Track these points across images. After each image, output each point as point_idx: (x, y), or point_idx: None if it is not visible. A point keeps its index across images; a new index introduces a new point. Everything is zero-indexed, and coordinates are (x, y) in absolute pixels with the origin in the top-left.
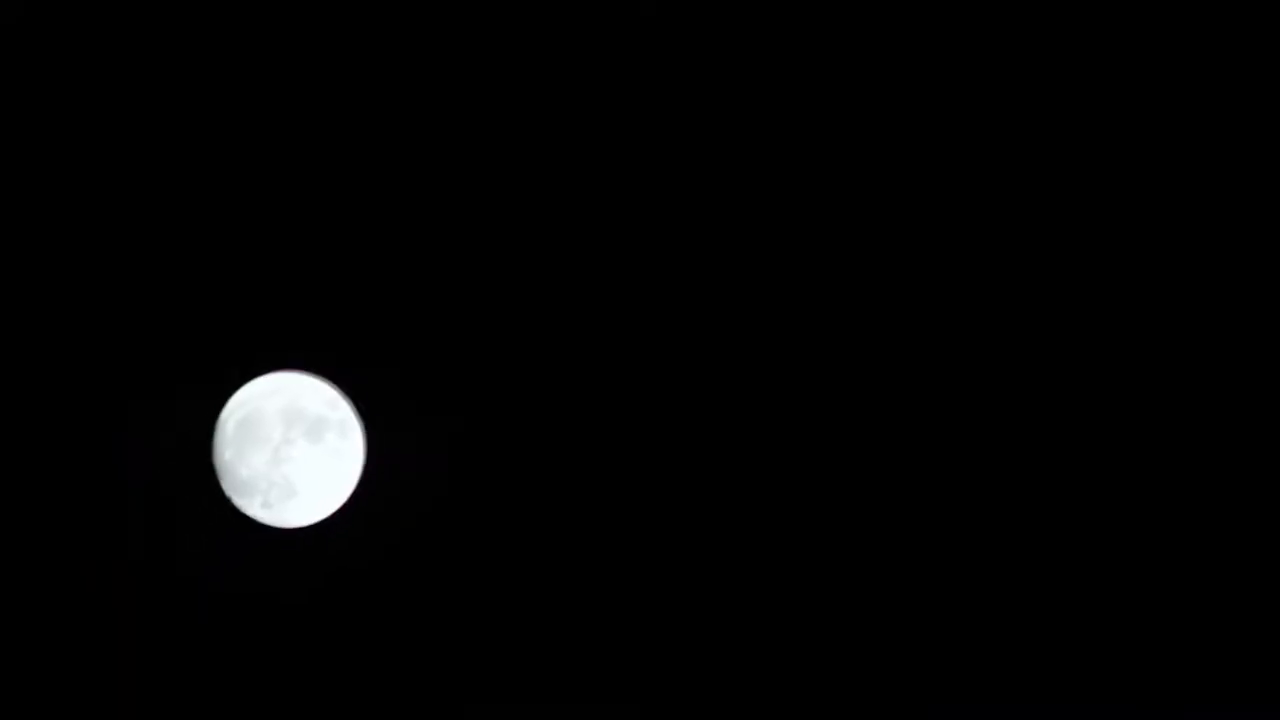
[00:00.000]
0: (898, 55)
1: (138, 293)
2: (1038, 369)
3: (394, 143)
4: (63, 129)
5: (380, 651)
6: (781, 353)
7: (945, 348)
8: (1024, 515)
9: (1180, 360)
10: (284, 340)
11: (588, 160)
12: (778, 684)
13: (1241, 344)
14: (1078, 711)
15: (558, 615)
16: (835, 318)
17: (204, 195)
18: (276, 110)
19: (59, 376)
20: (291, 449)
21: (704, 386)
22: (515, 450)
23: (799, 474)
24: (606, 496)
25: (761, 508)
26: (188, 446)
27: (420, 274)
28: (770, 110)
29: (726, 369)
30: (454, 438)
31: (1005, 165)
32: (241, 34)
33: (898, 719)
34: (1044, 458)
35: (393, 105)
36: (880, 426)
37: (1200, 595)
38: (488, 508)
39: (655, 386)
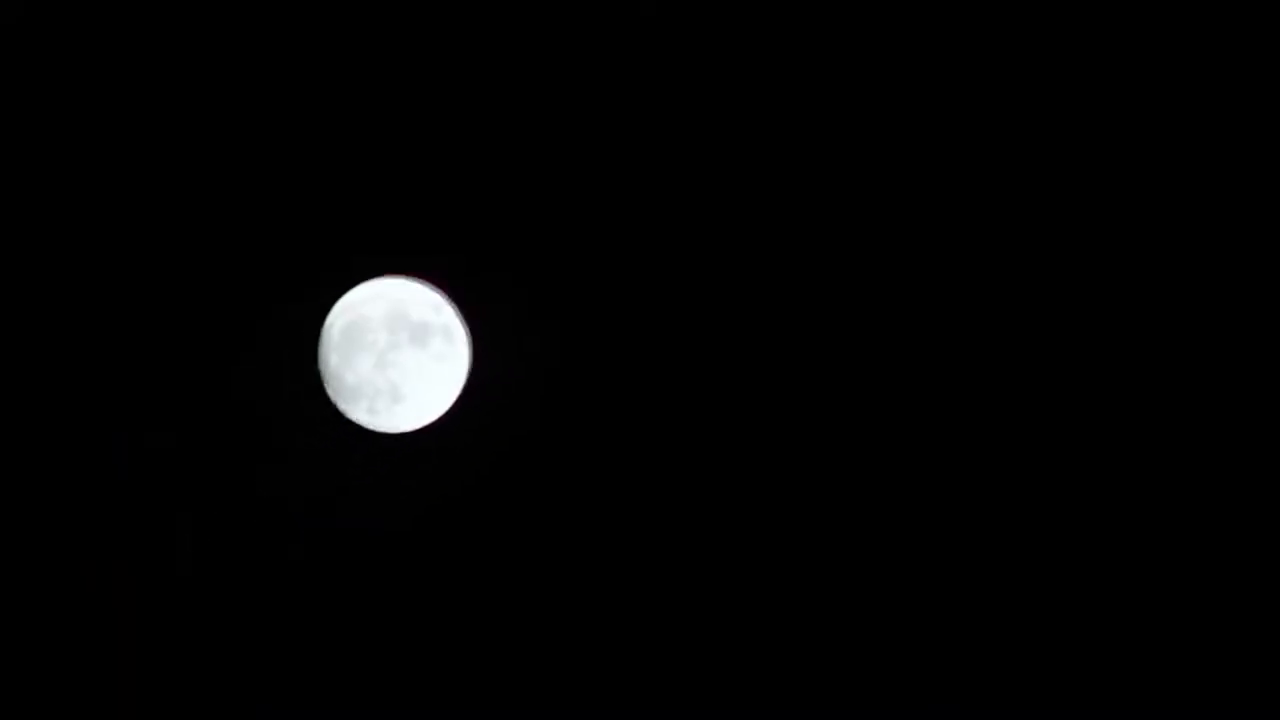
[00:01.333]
0: (897, 53)
1: (243, 199)
2: (1039, 370)
3: (495, 48)
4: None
5: (481, 560)
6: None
7: (946, 347)
8: (1025, 516)
9: (1180, 361)
10: (388, 245)
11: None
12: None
13: (1241, 344)
14: (1077, 715)
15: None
16: (840, 315)
17: (308, 98)
18: (374, 14)
19: (169, 283)
20: (397, 354)
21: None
22: (622, 356)
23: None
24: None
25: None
26: (292, 353)
27: (526, 176)
28: (770, 109)
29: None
30: (560, 342)
31: (1004, 165)
32: None
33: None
34: (1045, 458)
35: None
36: (886, 426)
37: (1201, 598)
38: (594, 414)
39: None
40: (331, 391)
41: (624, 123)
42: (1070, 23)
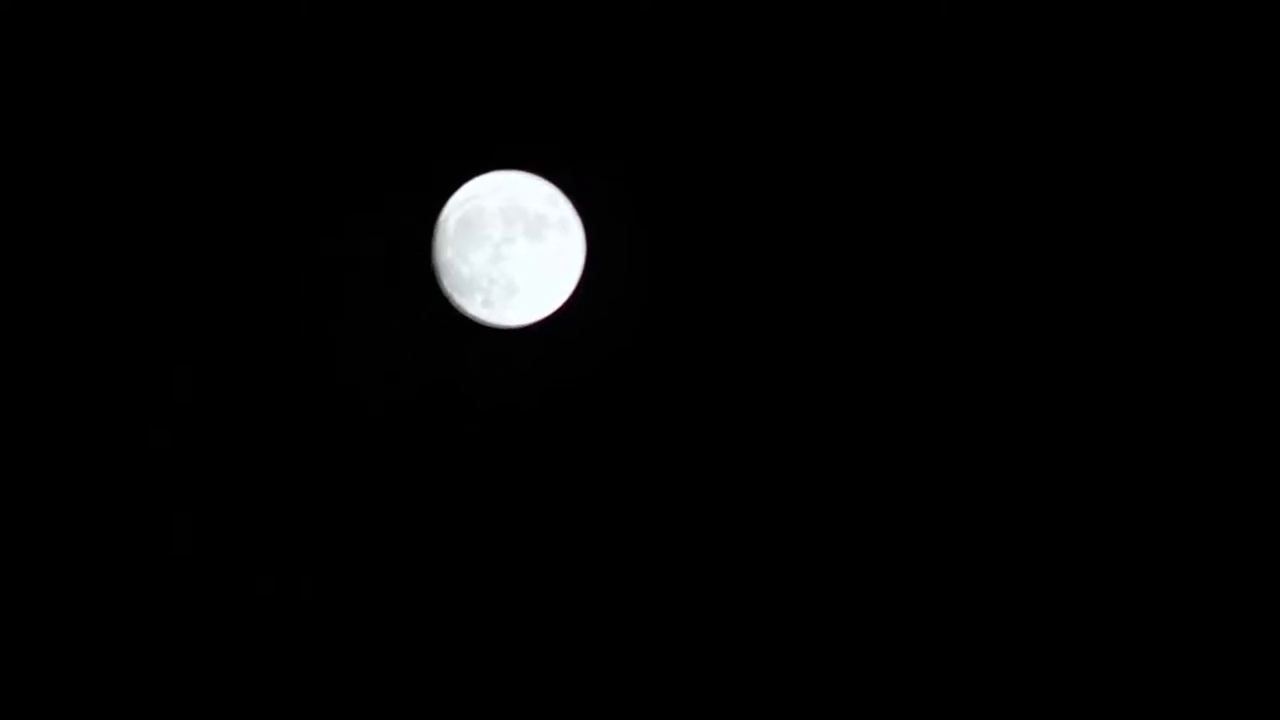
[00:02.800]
0: (897, 52)
1: (361, 93)
2: (1040, 371)
3: None
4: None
5: (595, 452)
6: None
7: (947, 348)
8: (1025, 519)
9: (1180, 362)
10: (503, 138)
11: None
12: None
13: (1241, 345)
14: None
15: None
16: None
17: None
18: None
19: (286, 179)
20: (512, 247)
21: None
22: (736, 250)
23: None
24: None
25: None
26: (409, 246)
27: (644, 66)
28: (770, 106)
29: None
30: (674, 236)
31: (1000, 166)
32: None
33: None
34: (1046, 460)
35: None
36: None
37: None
38: (706, 310)
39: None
40: (446, 284)
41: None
42: (1082, 23)
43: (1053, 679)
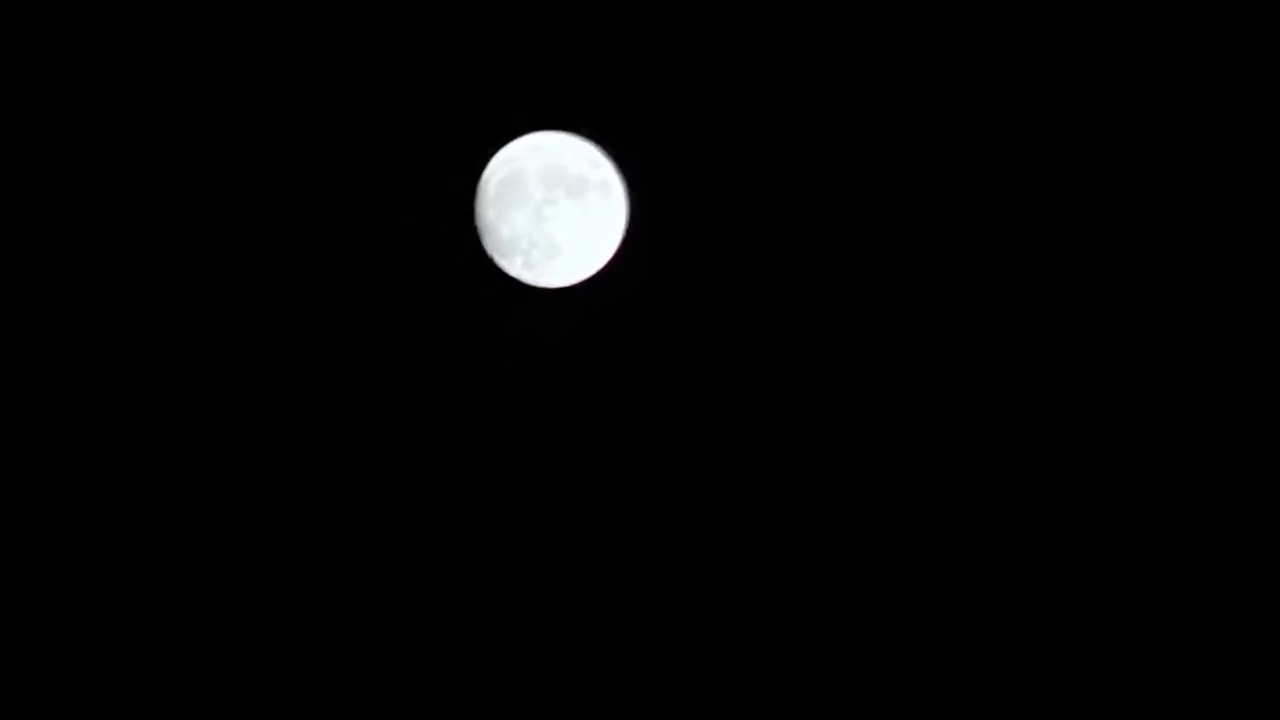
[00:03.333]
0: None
1: (400, 54)
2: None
3: None
4: None
5: (635, 415)
6: None
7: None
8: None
9: (1181, 363)
10: (544, 99)
11: None
12: None
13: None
14: None
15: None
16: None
17: None
18: None
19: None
20: (554, 208)
21: None
22: (777, 212)
23: None
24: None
25: None
26: (450, 207)
27: (682, 27)
28: (816, 63)
29: None
30: (717, 198)
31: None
32: None
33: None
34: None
35: None
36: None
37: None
38: (747, 271)
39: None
40: (488, 245)
41: None
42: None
43: (1052, 679)
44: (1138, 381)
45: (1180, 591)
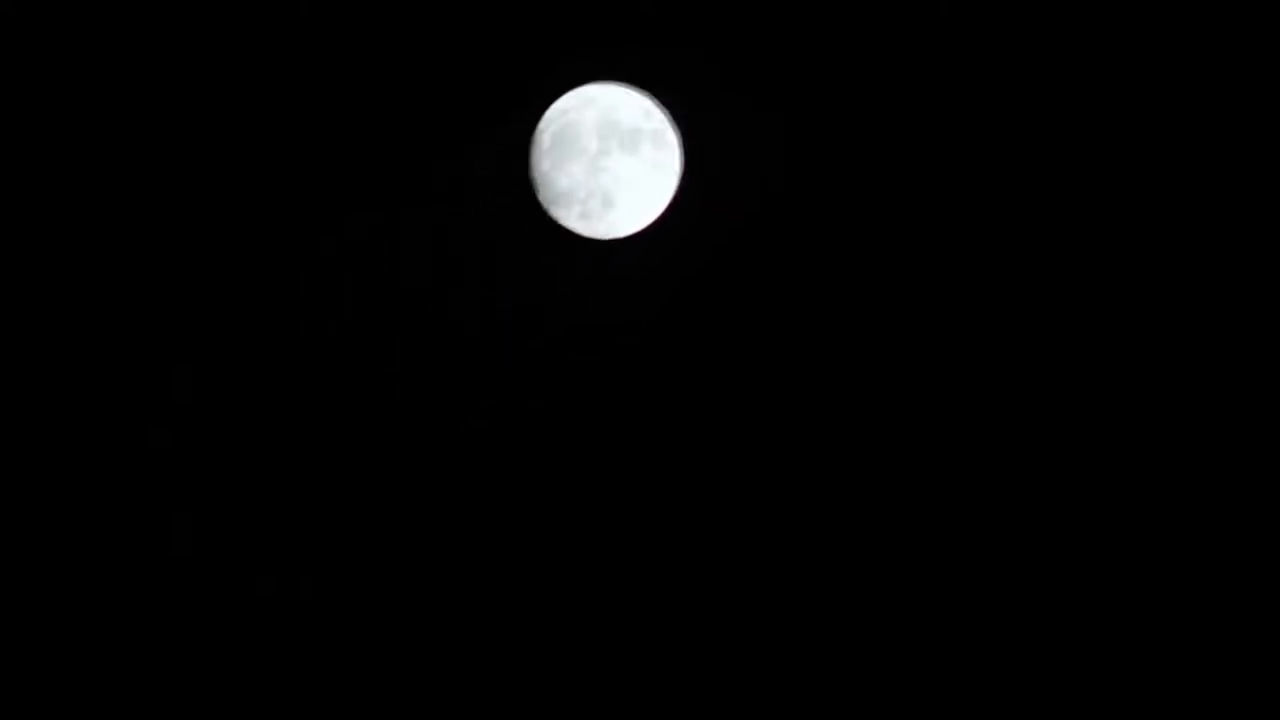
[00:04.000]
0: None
1: (454, 9)
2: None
3: None
4: None
5: (691, 364)
6: None
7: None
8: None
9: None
10: (597, 52)
11: None
12: None
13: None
14: None
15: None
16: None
17: None
18: None
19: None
20: (608, 160)
21: None
22: (831, 162)
23: None
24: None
25: None
26: (505, 160)
27: None
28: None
29: None
30: (770, 146)
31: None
32: None
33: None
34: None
35: None
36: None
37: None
38: (801, 221)
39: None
40: (543, 198)
41: None
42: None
43: (1052, 679)
44: (1140, 382)
45: (1180, 592)
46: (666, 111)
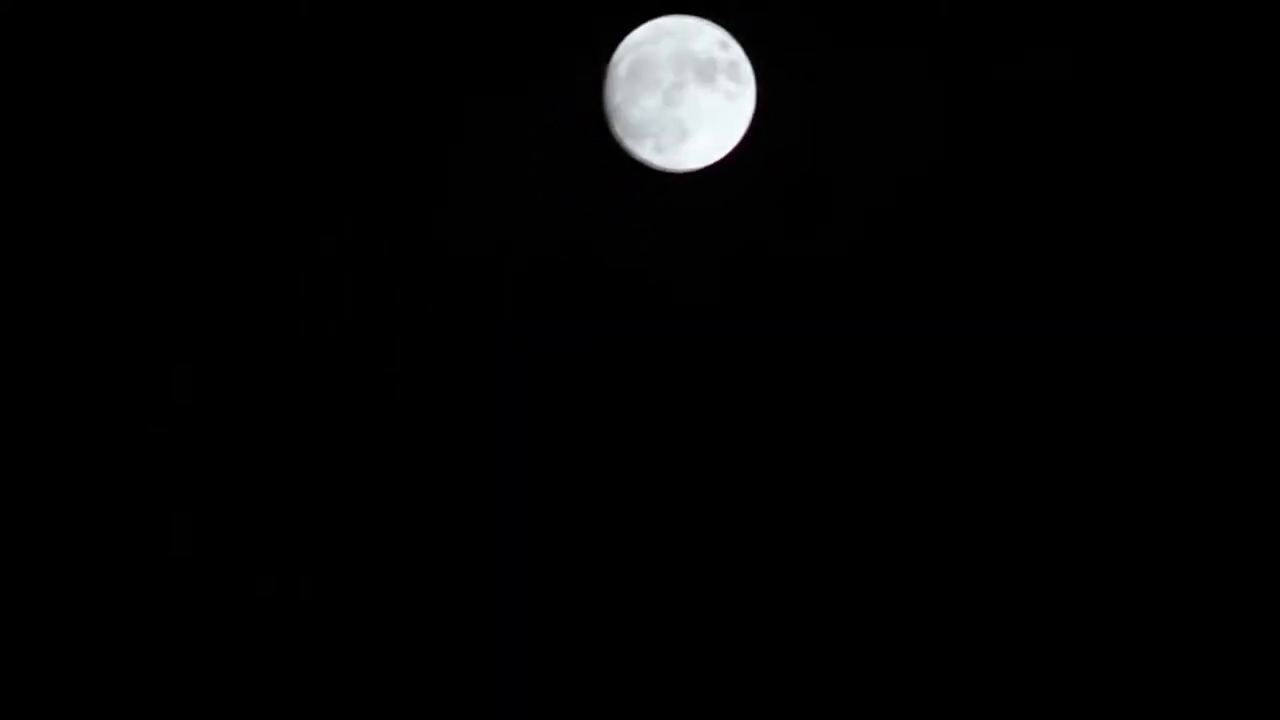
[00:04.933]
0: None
1: None
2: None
3: None
4: None
5: (764, 298)
6: None
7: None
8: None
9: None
10: None
11: None
12: None
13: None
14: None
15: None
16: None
17: None
18: None
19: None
20: (683, 92)
21: None
22: (909, 98)
23: None
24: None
25: None
26: (579, 92)
27: None
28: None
29: None
30: (846, 77)
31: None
32: None
33: None
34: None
35: None
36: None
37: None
38: (877, 153)
39: None
40: (617, 130)
41: None
42: None
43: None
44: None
45: (1181, 592)
46: (741, 42)
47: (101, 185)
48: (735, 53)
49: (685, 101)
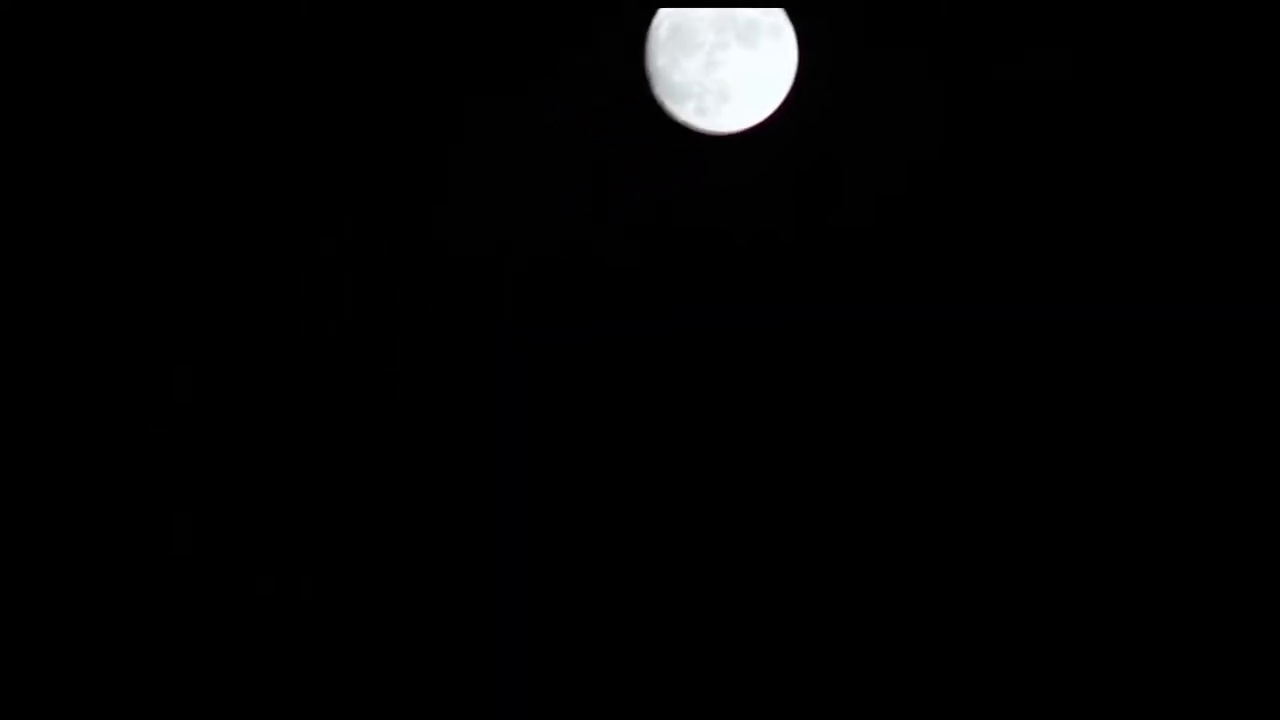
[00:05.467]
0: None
1: None
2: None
3: None
4: None
5: (804, 259)
6: None
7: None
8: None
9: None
10: None
11: None
12: None
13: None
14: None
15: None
16: None
17: None
18: None
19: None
20: (725, 53)
21: None
22: (955, 63)
23: None
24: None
25: None
26: (620, 55)
27: None
28: None
29: None
30: (889, 39)
31: None
32: None
33: None
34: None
35: None
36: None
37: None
38: (919, 115)
39: None
40: (659, 92)
41: None
42: None
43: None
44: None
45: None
46: (783, 4)
47: (101, 185)
48: (776, 14)
49: (727, 63)
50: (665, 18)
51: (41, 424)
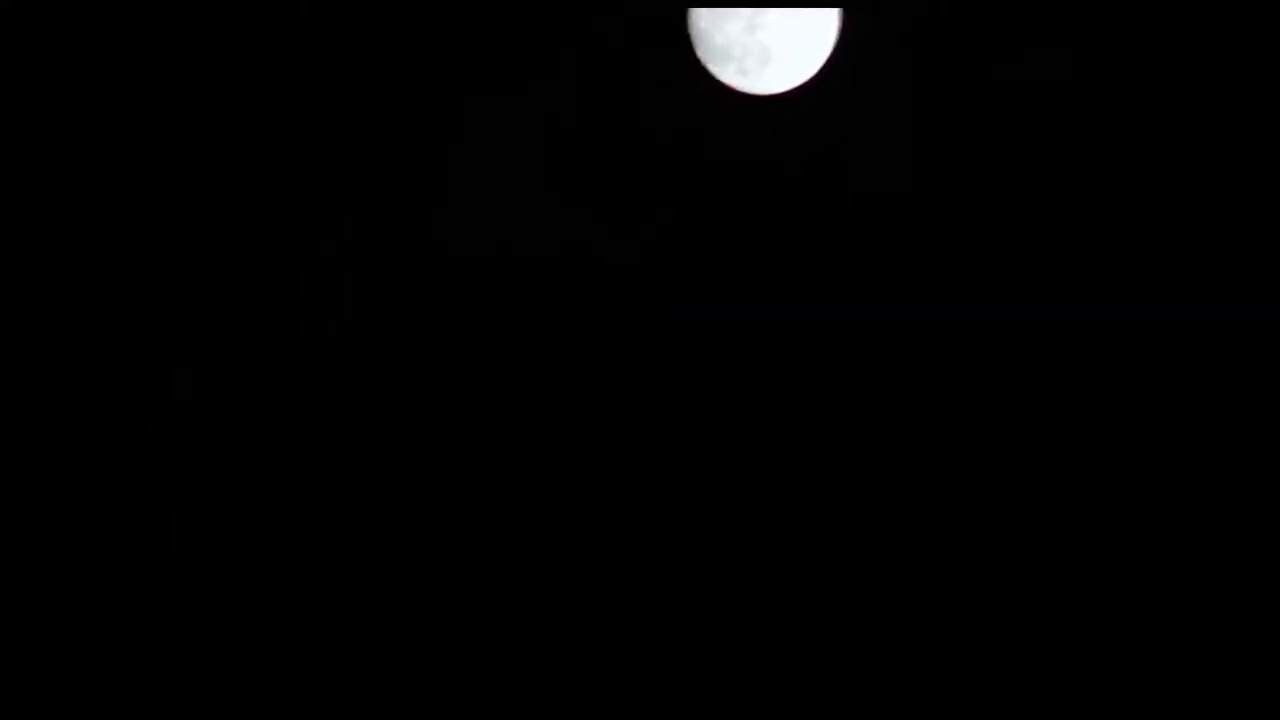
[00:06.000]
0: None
1: None
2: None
3: None
4: None
5: (846, 220)
6: None
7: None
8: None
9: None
10: None
11: None
12: None
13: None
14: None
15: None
16: None
17: None
18: None
19: None
20: (765, 15)
21: None
22: (1000, 26)
23: None
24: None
25: None
26: (661, 16)
27: None
28: None
29: None
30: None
31: None
32: None
33: None
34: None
35: None
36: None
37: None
38: (960, 78)
39: None
40: (700, 54)
41: None
42: None
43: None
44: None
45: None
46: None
47: (101, 185)
48: None
49: (768, 25)
50: None
51: (41, 424)
